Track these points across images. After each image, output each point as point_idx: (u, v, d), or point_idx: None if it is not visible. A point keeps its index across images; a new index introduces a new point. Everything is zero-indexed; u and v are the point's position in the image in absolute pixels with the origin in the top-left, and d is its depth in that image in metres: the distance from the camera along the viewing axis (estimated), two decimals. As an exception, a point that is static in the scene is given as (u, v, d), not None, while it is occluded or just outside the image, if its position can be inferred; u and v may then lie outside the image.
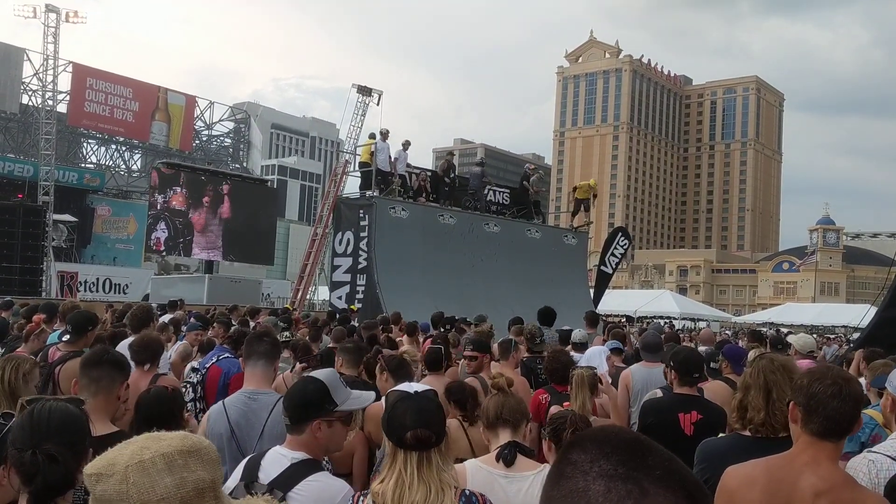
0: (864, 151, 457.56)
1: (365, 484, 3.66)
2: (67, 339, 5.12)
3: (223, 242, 31.59)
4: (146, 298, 22.17)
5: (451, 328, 9.61)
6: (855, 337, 20.05)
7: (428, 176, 19.59)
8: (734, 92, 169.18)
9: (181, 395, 3.88)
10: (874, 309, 13.90)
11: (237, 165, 45.01)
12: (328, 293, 19.44)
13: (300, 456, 2.47)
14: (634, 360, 6.70)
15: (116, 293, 29.09)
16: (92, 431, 2.19)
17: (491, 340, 7.03)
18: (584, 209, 22.82)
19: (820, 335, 29.10)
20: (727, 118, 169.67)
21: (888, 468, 2.58)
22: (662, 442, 0.90)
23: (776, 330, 25.89)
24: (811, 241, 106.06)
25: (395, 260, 16.91)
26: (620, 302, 38.08)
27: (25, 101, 36.28)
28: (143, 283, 29.35)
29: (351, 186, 20.85)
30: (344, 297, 17.18)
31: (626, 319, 28.37)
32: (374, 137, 18.00)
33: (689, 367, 4.28)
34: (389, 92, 38.97)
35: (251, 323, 9.89)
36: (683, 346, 5.57)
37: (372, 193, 17.39)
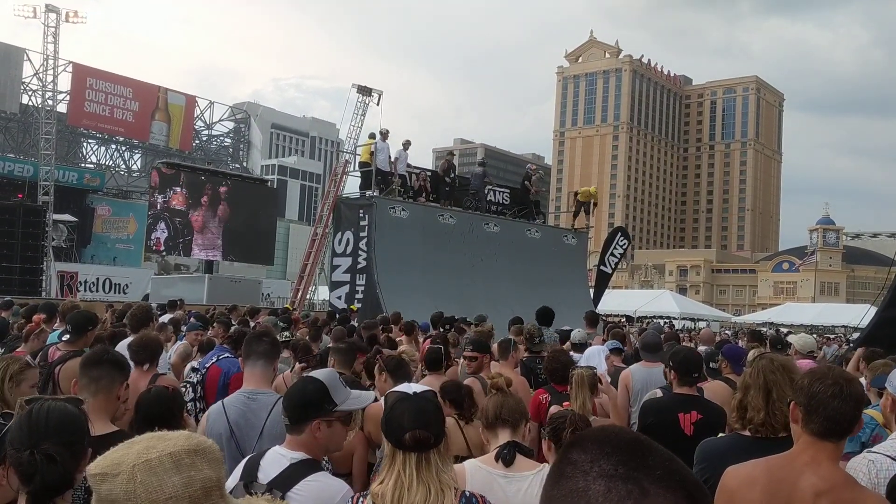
0: (864, 151, 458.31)
1: (365, 484, 3.66)
2: (67, 338, 5.12)
3: (223, 242, 31.59)
4: (146, 298, 22.18)
5: (450, 328, 9.61)
6: (855, 337, 20.04)
7: (428, 176, 19.59)
8: (734, 92, 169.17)
9: (181, 395, 3.88)
10: (874, 309, 13.89)
11: (237, 165, 45.02)
12: (328, 293, 19.45)
13: (299, 456, 2.47)
14: (634, 360, 6.70)
15: (116, 293, 29.11)
16: (91, 431, 2.18)
17: (491, 340, 7.03)
18: (584, 212, 22.99)
19: (820, 335, 29.08)
20: (727, 118, 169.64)
21: (888, 468, 2.57)
22: (662, 442, 0.90)
23: (776, 330, 25.89)
24: (811, 241, 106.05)
25: (394, 260, 16.91)
26: (620, 302, 38.10)
27: (25, 101, 36.32)
28: (143, 283, 29.37)
29: (351, 186, 20.90)
30: (343, 296, 17.20)
31: (625, 319, 28.31)
32: (373, 137, 18.00)
33: (688, 366, 4.28)
34: (389, 92, 39.03)
35: (251, 323, 9.89)
36: (683, 345, 5.56)
37: (372, 193, 17.40)
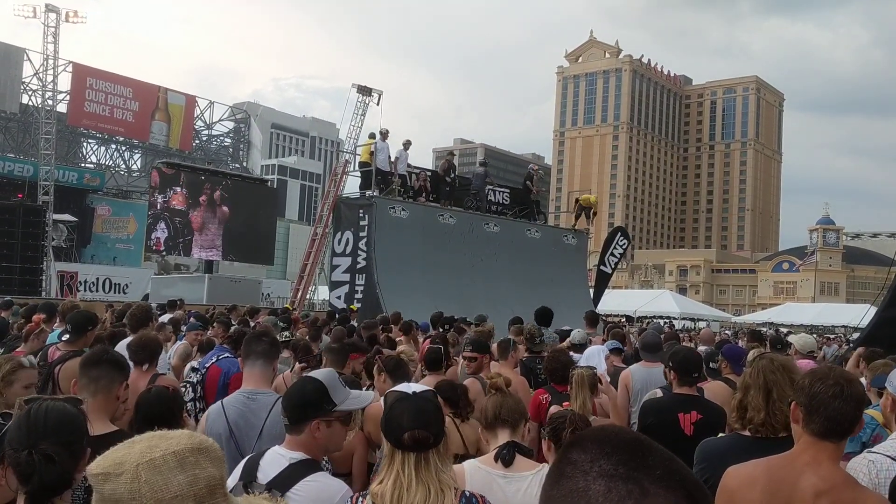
0: (864, 151, 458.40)
1: (364, 484, 3.66)
2: (67, 338, 5.11)
3: (223, 242, 31.59)
4: (146, 298, 22.18)
5: (449, 328, 9.60)
6: (855, 337, 20.03)
7: (428, 176, 19.59)
8: (734, 92, 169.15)
9: (181, 395, 3.88)
10: (874, 309, 13.88)
11: (237, 165, 45.03)
12: (328, 293, 19.46)
13: (299, 456, 2.46)
14: (634, 360, 6.69)
15: (116, 293, 29.12)
16: (90, 431, 2.18)
17: (491, 341, 7.02)
18: (585, 216, 23.02)
19: (820, 335, 29.08)
20: (727, 118, 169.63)
21: (888, 468, 2.57)
22: (662, 442, 0.90)
23: (776, 330, 25.90)
24: (811, 241, 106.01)
25: (394, 260, 16.90)
26: (620, 302, 38.12)
27: (25, 100, 36.33)
28: (142, 282, 29.37)
29: (351, 186, 20.90)
30: (343, 296, 17.19)
31: (625, 319, 28.32)
32: (373, 137, 18.00)
33: (688, 366, 4.28)
34: (389, 92, 39.03)
35: (251, 323, 9.88)
36: (682, 345, 5.55)
37: (372, 193, 17.40)
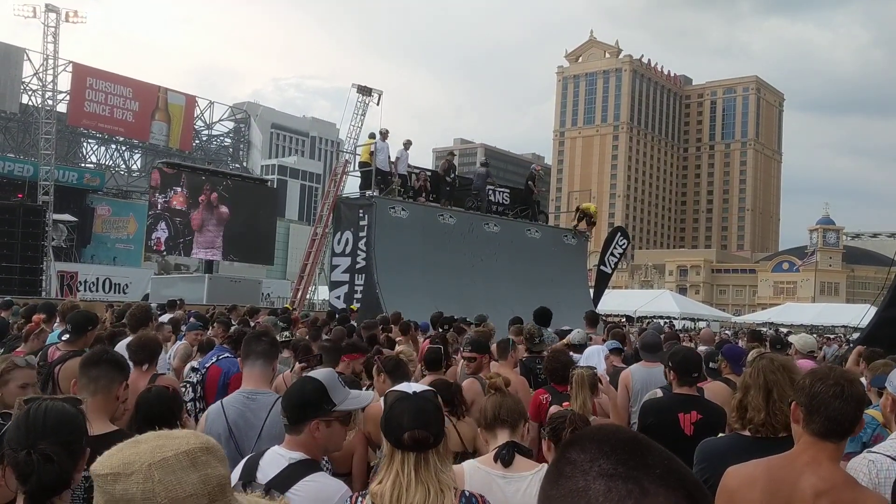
0: (864, 151, 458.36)
1: (364, 484, 3.66)
2: (67, 338, 5.11)
3: (223, 242, 31.59)
4: (146, 298, 22.19)
5: (449, 328, 9.59)
6: (855, 337, 20.03)
7: (428, 176, 19.58)
8: (734, 92, 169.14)
9: (181, 394, 3.88)
10: (874, 309, 13.88)
11: (237, 165, 45.03)
12: (328, 293, 19.45)
13: (298, 456, 2.46)
14: (634, 360, 6.69)
15: (116, 293, 29.13)
16: (90, 431, 2.17)
17: (491, 341, 7.02)
18: (587, 222, 22.96)
19: (820, 335, 29.08)
20: (727, 118, 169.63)
21: (888, 468, 2.57)
22: (662, 442, 0.89)
23: (776, 330, 25.91)
24: (811, 241, 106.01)
25: (394, 260, 16.89)
26: (620, 302, 38.12)
27: (25, 100, 36.32)
28: (143, 282, 29.38)
29: (351, 186, 20.90)
30: (342, 296, 17.18)
31: (625, 319, 28.33)
32: (373, 137, 17.99)
33: (687, 366, 4.28)
34: (389, 92, 39.03)
35: (251, 323, 9.88)
36: (682, 345, 5.54)
37: (372, 193, 17.38)
